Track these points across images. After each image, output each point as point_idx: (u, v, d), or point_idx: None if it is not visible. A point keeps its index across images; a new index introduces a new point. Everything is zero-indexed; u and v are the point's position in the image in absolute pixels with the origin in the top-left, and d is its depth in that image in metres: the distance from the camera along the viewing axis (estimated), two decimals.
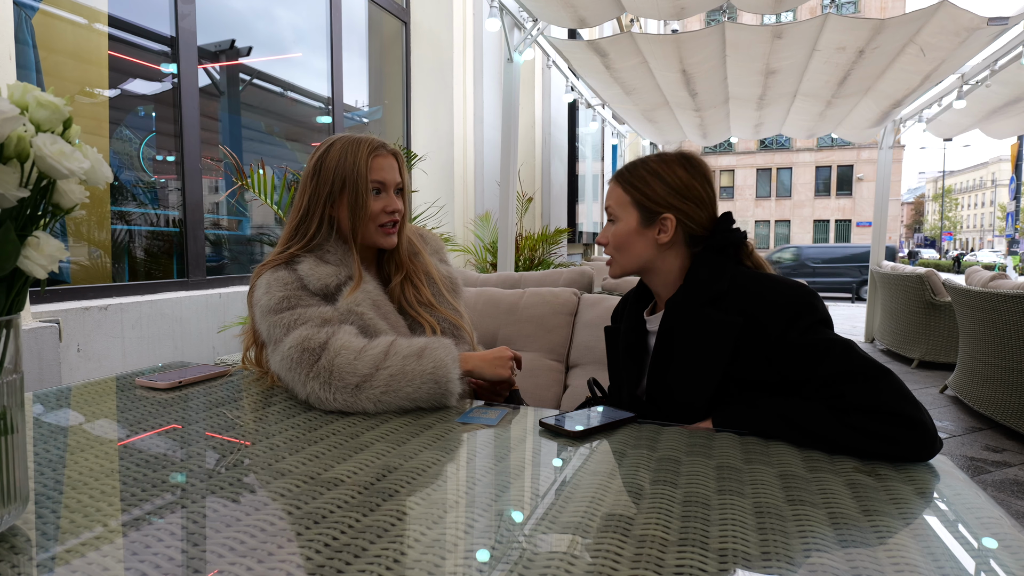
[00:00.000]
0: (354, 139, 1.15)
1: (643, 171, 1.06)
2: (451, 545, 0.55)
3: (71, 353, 2.10)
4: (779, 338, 0.90)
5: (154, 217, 2.80)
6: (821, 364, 0.86)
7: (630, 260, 1.07)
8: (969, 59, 4.28)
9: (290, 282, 1.09)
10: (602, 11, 3.47)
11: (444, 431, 0.87)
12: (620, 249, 1.06)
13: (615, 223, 1.07)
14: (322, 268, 1.10)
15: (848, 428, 0.79)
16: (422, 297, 1.20)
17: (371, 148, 1.13)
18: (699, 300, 0.98)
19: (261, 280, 1.11)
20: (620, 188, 1.07)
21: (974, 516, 0.62)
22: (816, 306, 0.93)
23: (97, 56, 2.55)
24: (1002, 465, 2.91)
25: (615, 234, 1.06)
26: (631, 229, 1.05)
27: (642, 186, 1.04)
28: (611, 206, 1.08)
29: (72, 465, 0.72)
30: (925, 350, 5.04)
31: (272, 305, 1.06)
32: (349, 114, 4.21)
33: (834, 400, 0.83)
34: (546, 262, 5.18)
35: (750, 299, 0.94)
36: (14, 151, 0.50)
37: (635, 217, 1.05)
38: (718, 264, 1.01)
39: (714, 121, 6.23)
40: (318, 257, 1.12)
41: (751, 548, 0.54)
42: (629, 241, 1.05)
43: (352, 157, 1.12)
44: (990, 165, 64.49)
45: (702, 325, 0.96)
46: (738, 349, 0.93)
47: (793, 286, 0.95)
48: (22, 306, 0.56)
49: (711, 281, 0.99)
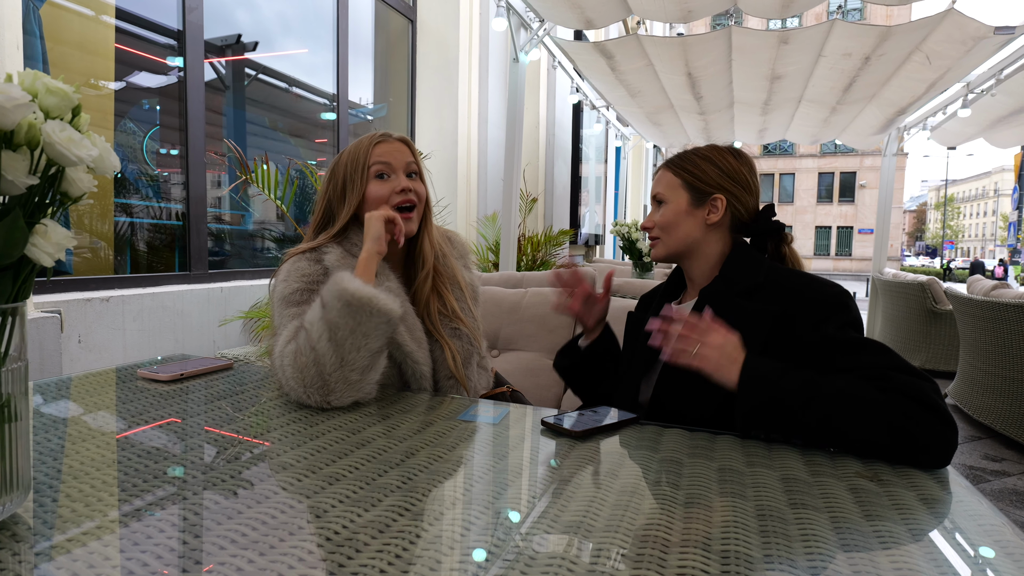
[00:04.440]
0: (360, 138, 1.16)
1: (694, 156, 1.09)
2: (452, 543, 0.55)
3: (72, 344, 2.10)
4: (812, 334, 0.90)
5: (157, 210, 2.80)
6: (859, 356, 0.86)
7: (677, 240, 1.08)
8: (975, 68, 4.28)
9: (309, 274, 1.07)
10: (609, 12, 3.47)
11: (445, 428, 0.87)
12: (668, 229, 1.08)
13: (664, 205, 1.09)
14: (348, 260, 1.08)
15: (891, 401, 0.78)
16: (446, 307, 1.16)
17: (373, 137, 1.13)
18: (733, 290, 0.99)
19: (284, 267, 1.10)
20: (671, 172, 1.10)
21: (976, 523, 0.62)
22: (850, 307, 0.93)
23: (104, 48, 2.55)
24: (1001, 475, 2.91)
25: (664, 214, 1.08)
26: (681, 209, 1.07)
27: (693, 168, 1.08)
28: (660, 191, 1.10)
29: (73, 455, 0.72)
30: (925, 358, 5.03)
31: (286, 295, 1.05)
32: (354, 111, 4.21)
33: (878, 381, 0.81)
34: (548, 263, 5.18)
35: (785, 294, 0.95)
36: (24, 138, 0.50)
37: (685, 198, 1.07)
38: (755, 257, 1.03)
39: (718, 125, 6.24)
40: (346, 249, 1.11)
41: (753, 551, 0.54)
42: (678, 221, 1.07)
43: (356, 150, 1.13)
44: (993, 175, 64.47)
45: (735, 314, 0.96)
46: (767, 344, 0.93)
47: (829, 285, 0.95)
48: (28, 294, 0.56)
49: (748, 273, 1.00)
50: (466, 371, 1.14)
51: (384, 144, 1.12)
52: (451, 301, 1.16)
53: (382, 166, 1.11)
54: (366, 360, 0.95)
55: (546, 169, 6.62)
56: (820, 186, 35.50)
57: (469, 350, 1.16)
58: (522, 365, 1.72)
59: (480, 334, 1.21)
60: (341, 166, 1.14)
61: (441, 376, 1.14)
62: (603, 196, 9.55)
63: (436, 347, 1.13)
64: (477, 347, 1.18)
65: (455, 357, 1.13)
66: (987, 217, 66.57)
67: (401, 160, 1.12)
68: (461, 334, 1.15)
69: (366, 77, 4.43)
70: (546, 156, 6.61)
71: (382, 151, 1.12)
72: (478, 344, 1.18)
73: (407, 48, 4.75)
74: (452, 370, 1.12)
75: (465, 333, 1.16)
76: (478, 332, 1.20)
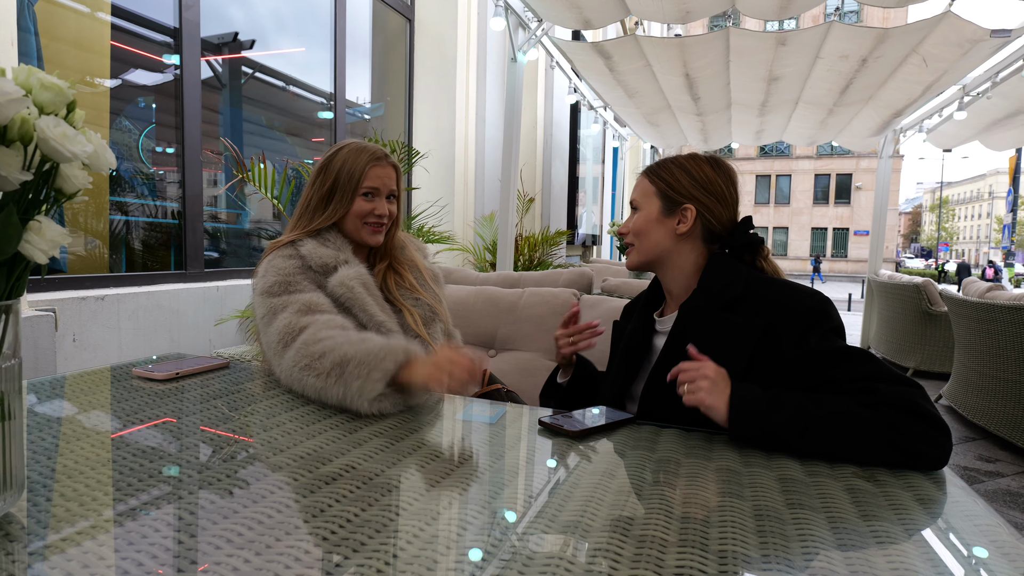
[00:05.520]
0: (361, 146, 1.26)
1: (671, 165, 1.10)
2: (449, 542, 0.55)
3: (67, 343, 2.09)
4: (796, 345, 0.89)
5: (152, 208, 2.78)
6: (844, 366, 0.85)
7: (648, 248, 1.08)
8: (971, 70, 4.30)
9: (287, 267, 1.16)
10: (607, 13, 3.47)
11: (443, 428, 0.87)
12: (639, 235, 1.09)
13: (638, 211, 1.10)
14: (322, 250, 1.20)
15: (881, 417, 0.77)
16: (403, 281, 1.30)
17: (372, 156, 1.24)
18: (715, 304, 0.98)
19: (263, 263, 1.19)
20: (647, 180, 1.11)
21: (972, 523, 0.62)
22: (832, 314, 0.93)
23: (99, 45, 2.54)
24: (995, 475, 2.92)
25: (636, 221, 1.09)
26: (652, 217, 1.08)
27: (667, 176, 1.08)
28: (636, 198, 1.11)
29: (67, 454, 0.72)
30: (920, 359, 5.05)
31: (265, 288, 1.13)
32: (351, 110, 4.20)
33: (863, 396, 0.81)
34: (545, 263, 5.17)
35: (766, 305, 0.94)
36: (17, 133, 0.50)
37: (657, 206, 1.08)
38: (733, 267, 1.01)
39: (716, 126, 6.25)
40: (319, 242, 1.22)
41: (751, 550, 0.54)
42: (648, 228, 1.08)
43: (354, 161, 1.23)
44: (988, 177, 64.77)
45: (719, 329, 0.95)
46: (754, 357, 0.92)
47: (809, 293, 0.95)
48: (22, 291, 0.55)
49: (726, 284, 0.99)
50: (428, 331, 1.25)
51: (378, 168, 1.25)
52: (409, 278, 1.32)
53: (371, 189, 1.24)
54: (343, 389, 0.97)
55: (543, 169, 6.62)
56: (816, 188, 35.62)
57: (430, 316, 1.28)
58: (519, 365, 1.71)
59: (443, 308, 1.33)
60: (333, 170, 1.24)
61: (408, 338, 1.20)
62: (600, 197, 9.56)
63: (400, 316, 1.25)
64: (439, 315, 1.30)
65: (416, 319, 1.25)
66: (982, 219, 66.86)
67: (387, 186, 1.26)
68: (420, 303, 1.29)
69: (363, 76, 4.42)
70: (543, 156, 6.60)
71: (376, 174, 1.24)
72: (440, 313, 1.30)
73: (405, 47, 4.74)
74: (415, 329, 1.23)
75: (424, 302, 1.29)
76: (440, 305, 1.32)
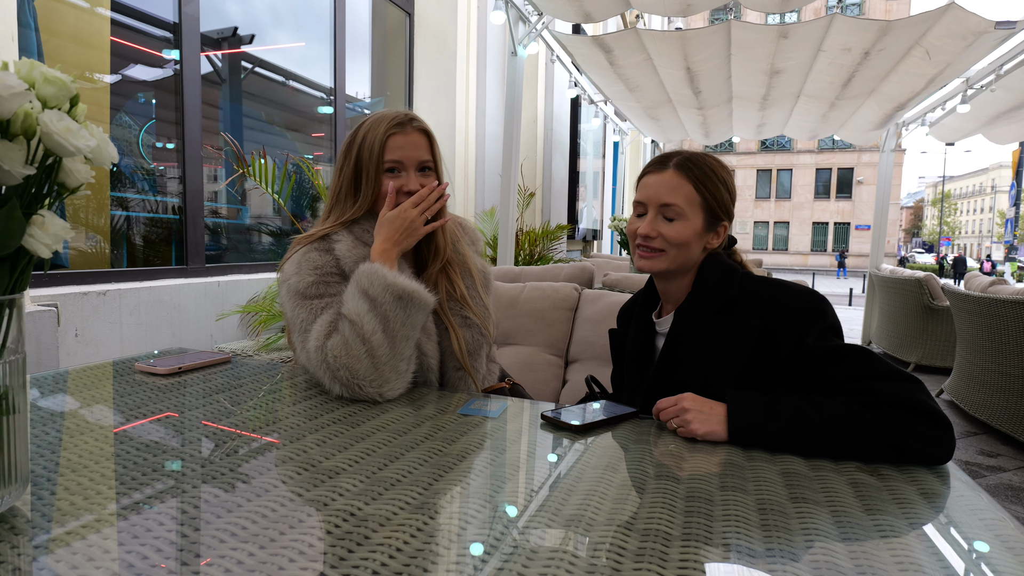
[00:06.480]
0: (379, 116, 1.10)
1: (713, 176, 1.01)
2: (452, 536, 0.55)
3: (69, 338, 2.09)
4: (794, 345, 0.89)
5: (153, 204, 2.78)
6: (843, 365, 0.84)
7: (682, 259, 1.00)
8: (975, 63, 4.27)
9: (322, 265, 1.06)
10: (608, 6, 3.45)
11: (445, 422, 0.87)
12: (679, 247, 0.99)
13: (678, 220, 0.99)
14: (359, 250, 1.07)
15: (882, 417, 0.77)
16: (455, 291, 1.14)
17: (389, 125, 1.08)
18: (711, 307, 0.97)
19: (294, 257, 1.08)
20: (691, 186, 0.99)
21: (976, 517, 0.62)
22: (827, 312, 0.92)
23: (99, 40, 2.53)
24: (997, 470, 2.92)
25: (680, 232, 0.98)
26: (697, 231, 1.00)
27: (715, 191, 1.00)
28: (677, 203, 0.98)
29: (71, 448, 0.72)
30: (922, 354, 5.05)
31: (301, 288, 1.04)
32: (351, 105, 4.19)
33: (864, 396, 0.80)
34: (546, 257, 5.17)
35: (762, 305, 0.94)
36: (20, 127, 0.50)
37: (702, 220, 1.00)
38: (727, 269, 1.00)
39: (717, 120, 6.22)
40: (356, 237, 1.09)
41: (755, 544, 0.54)
42: (691, 241, 0.99)
43: (372, 136, 1.08)
44: (990, 171, 64.60)
45: (717, 332, 0.95)
46: (752, 358, 0.92)
47: (804, 291, 0.94)
48: (25, 286, 0.55)
49: (722, 286, 0.98)
50: (474, 362, 1.13)
51: (400, 136, 1.08)
52: (460, 286, 1.15)
53: (394, 163, 1.08)
54: (411, 350, 1.00)
55: (544, 164, 6.60)
56: (817, 182, 35.51)
57: (479, 341, 1.14)
58: (520, 359, 1.72)
59: (491, 324, 1.18)
60: (355, 148, 1.10)
61: (449, 367, 1.13)
62: (601, 191, 9.54)
63: (444, 336, 1.12)
64: (487, 337, 1.16)
65: (462, 345, 1.11)
66: (984, 214, 66.69)
67: (415, 157, 1.09)
68: (471, 323, 1.14)
69: (363, 71, 4.40)
70: (544, 151, 6.59)
71: (397, 144, 1.08)
72: (488, 334, 1.16)
73: (405, 42, 4.73)
74: (459, 358, 1.10)
75: (475, 322, 1.14)
76: (488, 321, 1.17)
